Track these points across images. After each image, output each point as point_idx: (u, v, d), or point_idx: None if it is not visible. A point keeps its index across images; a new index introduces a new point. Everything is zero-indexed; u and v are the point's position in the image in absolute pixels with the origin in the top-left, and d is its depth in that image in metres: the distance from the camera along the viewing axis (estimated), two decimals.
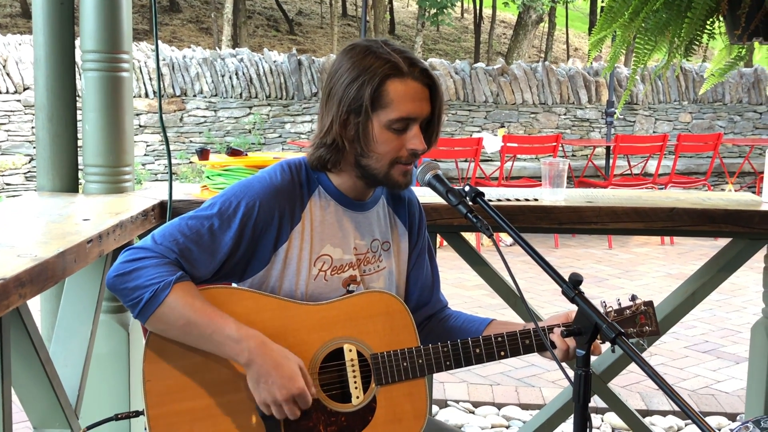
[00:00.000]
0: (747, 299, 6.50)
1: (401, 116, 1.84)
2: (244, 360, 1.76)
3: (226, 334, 1.75)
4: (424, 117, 1.88)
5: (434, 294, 2.17)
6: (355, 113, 1.84)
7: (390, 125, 1.85)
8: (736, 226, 2.81)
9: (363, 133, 1.85)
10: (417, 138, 1.87)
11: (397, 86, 1.84)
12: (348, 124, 1.86)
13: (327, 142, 1.89)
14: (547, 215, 2.80)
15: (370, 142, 1.86)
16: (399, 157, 1.88)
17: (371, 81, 1.82)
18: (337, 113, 1.86)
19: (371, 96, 1.82)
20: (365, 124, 1.84)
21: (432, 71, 1.91)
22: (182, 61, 10.09)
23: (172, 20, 21.01)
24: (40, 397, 2.10)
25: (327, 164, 1.92)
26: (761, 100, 12.11)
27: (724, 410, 4.11)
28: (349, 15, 24.50)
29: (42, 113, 2.70)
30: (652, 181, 8.95)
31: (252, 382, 1.78)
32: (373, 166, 1.89)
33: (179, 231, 1.82)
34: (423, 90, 1.87)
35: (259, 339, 1.77)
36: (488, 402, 4.18)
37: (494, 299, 5.45)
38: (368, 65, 1.84)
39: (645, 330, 2.03)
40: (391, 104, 1.83)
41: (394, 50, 1.87)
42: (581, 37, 26.80)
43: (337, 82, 1.87)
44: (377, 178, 1.91)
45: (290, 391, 1.76)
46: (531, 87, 11.20)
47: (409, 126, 1.86)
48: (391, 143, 1.86)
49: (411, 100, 1.85)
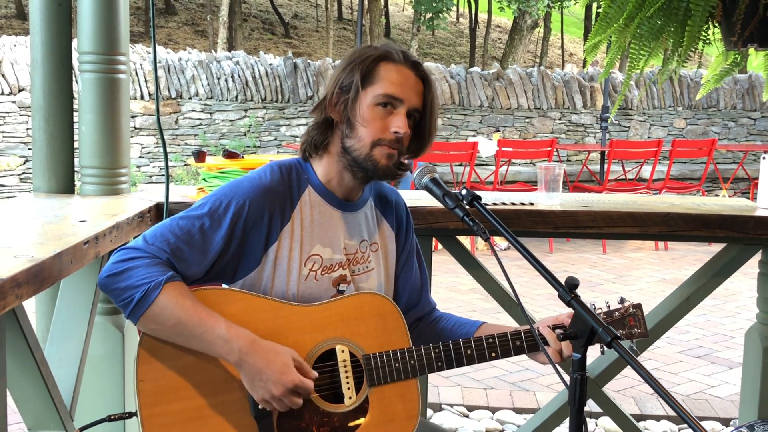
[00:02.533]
0: (741, 304, 6.52)
1: (388, 92, 1.89)
2: (235, 359, 1.77)
3: (216, 334, 1.76)
4: (412, 105, 1.92)
5: (423, 296, 2.19)
6: (346, 91, 1.91)
7: (376, 101, 1.89)
8: (730, 231, 2.82)
9: (351, 109, 1.90)
10: (401, 120, 1.90)
11: (389, 67, 1.92)
12: (338, 101, 1.92)
13: (318, 120, 1.96)
14: (542, 219, 2.80)
15: (357, 117, 1.90)
16: (382, 138, 1.90)
17: (364, 62, 1.91)
18: (330, 91, 1.93)
19: (362, 73, 1.90)
20: (354, 99, 1.90)
21: (425, 68, 1.96)
22: (178, 63, 10.09)
23: (168, 23, 20.99)
24: (35, 398, 2.10)
25: (315, 145, 1.97)
26: (755, 106, 12.14)
27: (717, 415, 4.12)
28: (344, 19, 24.52)
29: (38, 114, 2.70)
30: (646, 187, 8.97)
31: (247, 381, 1.78)
32: (355, 146, 1.91)
33: (170, 231, 1.83)
34: (415, 80, 1.94)
35: (248, 338, 1.78)
36: (482, 406, 4.18)
37: (489, 303, 5.46)
38: (364, 52, 1.93)
39: (634, 332, 2.05)
40: (380, 81, 1.90)
41: (395, 46, 1.96)
42: (576, 43, 26.86)
43: (336, 70, 1.96)
44: (359, 160, 1.92)
45: (285, 385, 1.76)
46: (526, 92, 11.21)
47: (395, 107, 1.90)
48: (376, 121, 1.89)
49: (400, 82, 1.91)
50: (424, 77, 1.95)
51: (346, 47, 21.87)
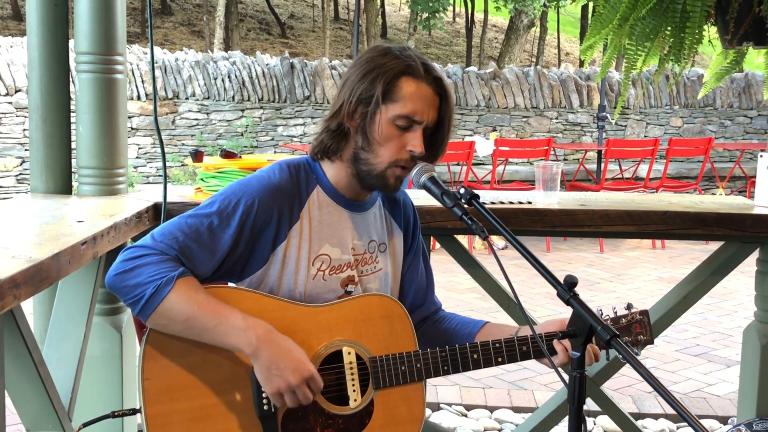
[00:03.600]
0: (738, 303, 6.53)
1: (407, 114, 1.86)
2: (252, 349, 1.75)
3: (232, 324, 1.75)
4: (428, 123, 1.90)
5: (428, 296, 2.18)
6: (365, 103, 1.87)
7: (395, 120, 1.87)
8: (728, 229, 2.82)
9: (369, 123, 1.87)
10: (417, 140, 1.88)
11: (410, 84, 1.87)
12: (356, 112, 1.89)
13: (332, 127, 1.92)
14: (540, 218, 2.80)
15: (374, 133, 1.87)
16: (398, 159, 1.89)
17: (386, 74, 1.86)
18: (347, 99, 1.89)
19: (384, 88, 1.86)
20: (373, 114, 1.87)
21: (446, 81, 1.94)
22: (174, 63, 10.08)
23: (164, 23, 20.98)
24: (33, 399, 2.09)
25: (327, 151, 1.94)
26: (752, 105, 12.16)
27: (715, 413, 4.12)
28: (341, 19, 24.51)
29: (35, 115, 2.69)
30: (643, 185, 8.98)
31: (262, 371, 1.77)
32: (371, 161, 1.89)
33: (179, 229, 1.82)
34: (433, 97, 1.91)
35: (265, 327, 1.77)
36: (481, 405, 4.18)
37: (487, 302, 5.46)
38: (386, 62, 1.88)
39: (640, 339, 2.05)
40: (401, 100, 1.86)
41: (414, 55, 1.92)
42: (572, 42, 26.87)
43: (353, 72, 1.92)
44: (371, 175, 1.91)
45: (302, 374, 1.76)
46: (523, 91, 11.22)
47: (412, 127, 1.88)
48: (393, 140, 1.87)
49: (420, 101, 1.88)
50: (442, 93, 1.93)
51: (343, 47, 21.87)
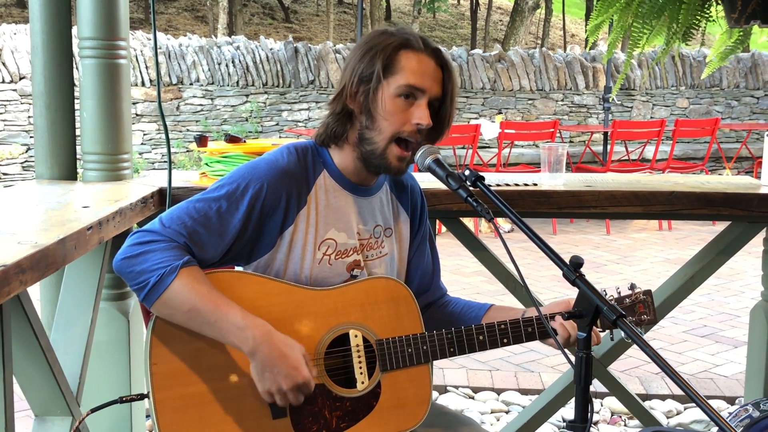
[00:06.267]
0: (745, 283, 6.52)
1: (410, 83, 1.86)
2: (249, 349, 1.75)
3: (231, 322, 1.74)
4: (433, 94, 1.89)
5: (434, 281, 2.18)
6: (366, 80, 1.87)
7: (399, 92, 1.86)
8: (735, 209, 2.82)
9: (372, 100, 1.87)
10: (423, 112, 1.87)
11: (410, 56, 1.88)
12: (358, 92, 1.89)
13: (336, 111, 1.92)
14: (546, 200, 2.80)
15: (378, 109, 1.87)
16: (402, 131, 1.88)
17: (384, 50, 1.87)
18: (349, 81, 1.89)
19: (383, 63, 1.86)
20: (375, 90, 1.86)
21: (445, 55, 1.93)
22: (178, 49, 10.06)
23: (168, 9, 20.93)
24: (41, 384, 2.10)
25: (333, 136, 1.94)
26: (758, 85, 12.09)
27: (723, 394, 4.13)
28: (345, 2, 24.41)
29: (40, 101, 2.69)
30: (649, 167, 8.95)
31: (256, 371, 1.77)
32: (374, 139, 1.89)
33: (187, 214, 1.82)
34: (435, 68, 1.90)
35: (264, 328, 1.76)
36: (488, 387, 4.19)
37: (493, 285, 5.46)
38: (383, 39, 1.89)
39: (643, 319, 2.06)
40: (402, 71, 1.86)
41: (411, 31, 1.93)
42: (578, 23, 26.73)
43: (353, 55, 1.92)
44: (374, 155, 1.90)
45: (295, 380, 1.75)
46: (528, 73, 11.18)
47: (417, 97, 1.87)
48: (398, 113, 1.87)
49: (422, 71, 1.87)
50: (443, 64, 1.92)
51: (347, 31, 21.80)
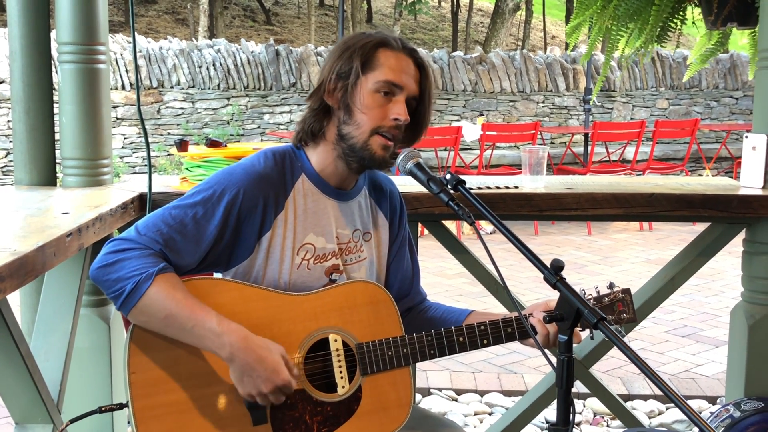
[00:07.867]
0: (725, 283, 6.56)
1: (389, 79, 1.87)
2: (226, 354, 1.75)
3: (208, 328, 1.74)
4: (410, 92, 1.91)
5: (414, 286, 2.18)
6: (345, 77, 1.88)
7: (377, 88, 1.87)
8: (714, 210, 2.83)
9: (350, 95, 1.88)
10: (401, 108, 1.89)
11: (388, 54, 1.90)
12: (336, 88, 1.90)
13: (314, 107, 1.93)
14: (527, 202, 2.81)
15: (357, 104, 1.88)
16: (381, 125, 1.88)
17: (363, 48, 1.89)
18: (327, 77, 1.91)
19: (362, 60, 1.88)
20: (354, 85, 1.88)
21: (422, 55, 1.95)
22: (159, 52, 10.02)
23: (148, 11, 20.84)
24: (22, 392, 2.08)
25: (311, 133, 1.94)
26: (737, 86, 12.19)
27: (704, 393, 4.15)
28: (326, 5, 24.40)
29: (18, 106, 2.67)
30: (630, 168, 9.00)
31: (236, 376, 1.77)
32: (353, 133, 1.89)
33: (163, 221, 1.81)
34: (413, 67, 1.93)
35: (240, 333, 1.76)
36: (471, 389, 4.19)
37: (475, 287, 5.47)
38: (360, 39, 1.91)
39: (623, 317, 2.07)
40: (381, 67, 1.88)
41: (389, 33, 1.95)
42: (558, 25, 26.84)
43: (331, 55, 1.94)
44: (356, 149, 1.90)
45: (275, 383, 1.75)
46: (509, 75, 11.21)
47: (395, 94, 1.89)
48: (375, 108, 1.88)
49: (400, 69, 1.90)
50: (420, 65, 1.94)
51: (328, 33, 21.78)
